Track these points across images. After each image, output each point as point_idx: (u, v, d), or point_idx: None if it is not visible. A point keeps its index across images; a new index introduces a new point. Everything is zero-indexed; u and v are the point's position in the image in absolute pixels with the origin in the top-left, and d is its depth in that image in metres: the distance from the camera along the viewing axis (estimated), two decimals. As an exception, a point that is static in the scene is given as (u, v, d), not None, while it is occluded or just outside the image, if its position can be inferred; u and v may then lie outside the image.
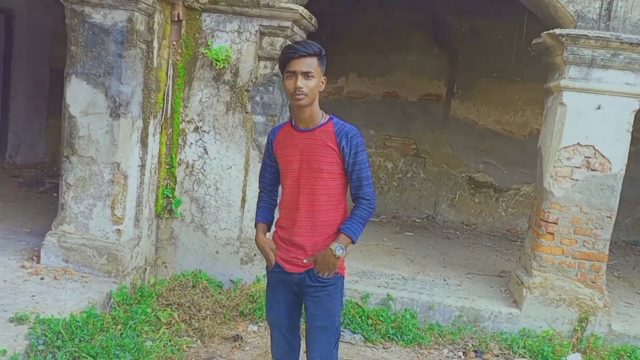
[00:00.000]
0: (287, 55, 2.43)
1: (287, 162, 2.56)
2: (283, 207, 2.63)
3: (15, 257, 4.26)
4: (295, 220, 2.55)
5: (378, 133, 7.60)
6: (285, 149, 2.56)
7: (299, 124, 2.54)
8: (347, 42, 7.34)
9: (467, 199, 7.53)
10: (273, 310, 2.69)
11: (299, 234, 2.55)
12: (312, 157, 2.49)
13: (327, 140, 2.48)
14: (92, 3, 3.95)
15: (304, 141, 2.51)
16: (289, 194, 2.58)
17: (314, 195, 2.51)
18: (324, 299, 2.56)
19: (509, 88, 7.11)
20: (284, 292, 2.65)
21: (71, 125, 4.10)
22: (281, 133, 2.61)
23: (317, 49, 2.44)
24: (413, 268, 5.20)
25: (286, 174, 2.58)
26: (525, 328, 4.35)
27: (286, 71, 2.43)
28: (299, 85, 2.39)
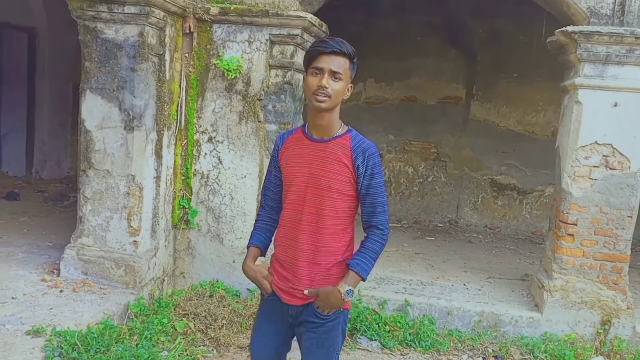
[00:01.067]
0: (318, 49, 2.13)
1: (292, 173, 2.26)
2: (283, 224, 2.32)
3: (36, 271, 4.35)
4: (297, 241, 2.24)
5: (397, 138, 7.55)
6: (292, 158, 2.27)
7: (313, 132, 2.24)
8: (364, 48, 7.28)
9: (490, 202, 7.40)
10: (261, 343, 2.38)
11: (299, 257, 2.25)
12: (322, 172, 2.19)
13: (341, 155, 2.19)
14: (104, 19, 4.03)
15: (315, 152, 2.22)
16: (291, 210, 2.27)
17: (319, 215, 2.21)
18: (322, 336, 2.27)
19: (529, 88, 6.98)
20: (278, 323, 2.35)
21: (87, 140, 4.18)
22: (290, 139, 2.31)
23: (351, 50, 2.16)
24: (432, 273, 5.13)
25: (289, 187, 2.28)
26: (547, 332, 4.25)
27: (312, 67, 2.13)
28: (323, 84, 2.09)
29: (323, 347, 2.27)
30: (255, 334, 2.42)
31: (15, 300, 3.80)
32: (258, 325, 2.42)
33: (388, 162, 7.62)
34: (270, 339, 2.38)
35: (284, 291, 2.30)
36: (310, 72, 2.16)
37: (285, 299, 2.29)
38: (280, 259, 2.33)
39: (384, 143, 7.56)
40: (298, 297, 2.27)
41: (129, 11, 3.96)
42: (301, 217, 2.23)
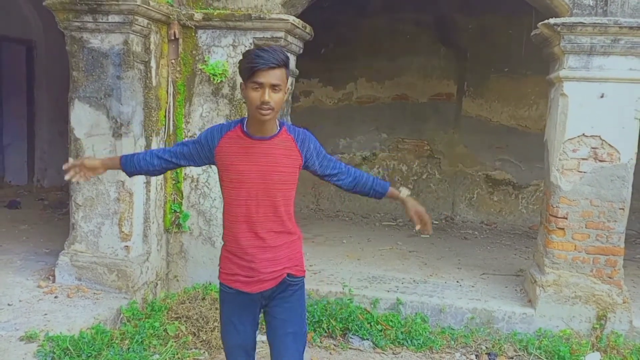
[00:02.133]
0: (255, 65, 2.18)
1: (241, 172, 2.32)
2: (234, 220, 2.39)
3: (32, 278, 4.42)
4: (256, 233, 2.36)
5: (390, 136, 7.58)
6: (236, 156, 2.33)
7: (255, 132, 2.32)
8: (354, 48, 7.38)
9: (486, 198, 7.40)
10: (238, 332, 2.47)
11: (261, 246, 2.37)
12: (273, 168, 2.33)
13: (287, 150, 2.36)
14: (90, 29, 4.09)
15: (262, 150, 2.32)
16: (244, 206, 2.35)
17: (274, 206, 2.36)
18: (294, 303, 2.47)
19: (521, 82, 6.98)
20: (250, 310, 2.46)
21: (77, 147, 4.24)
22: (228, 138, 2.35)
23: (285, 58, 2.24)
24: (426, 271, 5.14)
25: (240, 185, 2.33)
26: (541, 328, 4.22)
27: (252, 81, 2.20)
28: (266, 99, 2.19)
29: (296, 313, 2.47)
30: (230, 326, 2.49)
31: (11, 306, 3.86)
32: (227, 319, 2.49)
33: (382, 160, 7.64)
34: (240, 330, 2.47)
35: (250, 283, 2.39)
36: (250, 86, 2.22)
37: (254, 289, 2.40)
38: (238, 252, 2.41)
39: (377, 142, 7.60)
40: (267, 281, 2.40)
41: (113, 20, 4.02)
42: (257, 210, 2.35)
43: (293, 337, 2.45)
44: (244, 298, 2.43)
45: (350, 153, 7.72)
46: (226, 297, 2.49)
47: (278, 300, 2.45)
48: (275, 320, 2.47)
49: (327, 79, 7.58)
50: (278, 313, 2.46)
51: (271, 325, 2.49)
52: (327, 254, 5.53)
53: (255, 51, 2.23)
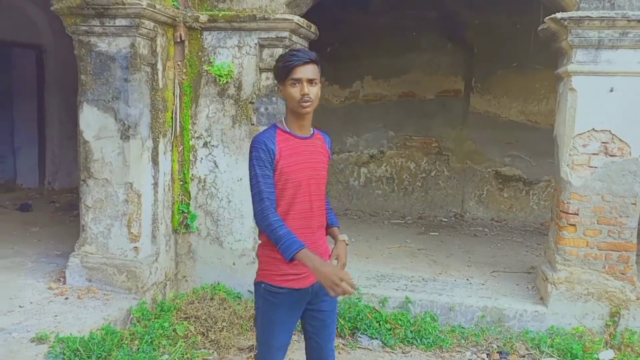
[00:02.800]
0: (291, 63, 2.36)
1: (296, 171, 2.43)
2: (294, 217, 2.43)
3: (43, 279, 4.46)
4: (311, 228, 2.49)
5: (398, 134, 7.56)
6: (291, 157, 2.42)
7: (297, 131, 2.46)
8: (360, 46, 7.36)
9: (496, 195, 7.35)
10: (286, 332, 2.54)
11: (315, 240, 2.50)
12: (317, 165, 2.52)
13: (322, 149, 2.57)
14: (97, 33, 4.12)
15: (307, 148, 2.49)
16: (301, 202, 2.45)
17: (321, 200, 2.55)
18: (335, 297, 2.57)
19: (530, 77, 6.92)
20: (299, 309, 2.55)
21: (86, 150, 4.27)
22: (281, 141, 2.43)
23: (316, 55, 2.43)
24: (435, 269, 5.12)
25: (298, 186, 2.43)
26: (554, 326, 4.18)
27: (290, 79, 2.37)
28: (306, 92, 2.35)
29: (335, 303, 2.67)
30: (282, 326, 2.51)
31: (23, 308, 3.90)
32: (278, 319, 2.49)
33: (389, 158, 7.62)
34: (290, 328, 2.57)
35: (302, 278, 2.45)
36: (290, 84, 2.38)
37: (307, 283, 2.47)
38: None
39: (384, 139, 7.58)
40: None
41: (120, 24, 4.04)
42: (311, 206, 2.48)
43: (334, 325, 2.69)
44: (296, 296, 2.48)
45: (358, 151, 7.71)
46: (276, 299, 2.47)
47: (323, 295, 2.53)
48: (323, 313, 2.59)
49: (333, 77, 7.57)
50: (325, 306, 2.58)
51: (317, 317, 2.59)
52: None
53: (289, 51, 2.44)
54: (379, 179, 7.69)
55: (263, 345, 2.57)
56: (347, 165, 7.78)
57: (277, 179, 2.42)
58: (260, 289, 2.53)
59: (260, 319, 2.55)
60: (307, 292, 2.50)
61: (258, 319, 2.57)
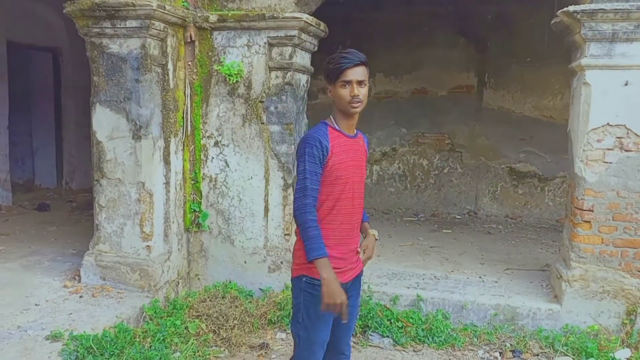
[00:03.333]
0: (342, 65, 2.43)
1: (346, 168, 2.51)
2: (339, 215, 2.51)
3: (59, 278, 4.53)
4: (353, 224, 2.59)
5: (410, 131, 7.53)
6: (342, 155, 2.50)
7: (346, 130, 2.54)
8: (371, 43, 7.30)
9: (510, 191, 7.27)
10: (328, 327, 2.58)
11: (354, 236, 2.61)
12: (361, 164, 2.62)
13: (363, 147, 2.68)
14: (109, 34, 4.16)
15: (354, 147, 2.58)
16: (346, 200, 2.52)
17: (361, 199, 2.64)
18: (360, 289, 2.77)
19: (544, 72, 6.82)
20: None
21: (99, 150, 4.33)
22: (334, 138, 2.49)
23: (365, 58, 2.49)
24: (447, 267, 5.09)
25: (345, 182, 2.51)
26: (568, 324, 4.12)
27: (341, 80, 2.43)
28: (356, 93, 2.43)
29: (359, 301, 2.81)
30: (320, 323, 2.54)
31: (38, 306, 3.96)
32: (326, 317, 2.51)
33: (402, 155, 7.59)
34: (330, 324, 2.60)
35: (343, 272, 2.53)
36: (340, 85, 2.45)
37: (346, 277, 2.55)
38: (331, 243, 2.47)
39: (397, 137, 7.54)
40: (354, 269, 2.63)
41: (131, 25, 4.08)
42: (353, 203, 2.57)
43: (354, 320, 2.79)
44: None
45: (370, 149, 7.64)
46: (319, 291, 2.42)
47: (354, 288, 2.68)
48: (349, 308, 2.54)
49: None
50: (351, 301, 2.59)
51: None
52: None
53: (339, 54, 2.48)
54: (392, 177, 7.66)
55: (304, 341, 2.58)
56: (360, 163, 7.75)
57: (328, 174, 2.49)
58: (301, 283, 2.54)
59: (302, 314, 2.55)
60: (345, 286, 2.50)
61: (300, 315, 2.56)
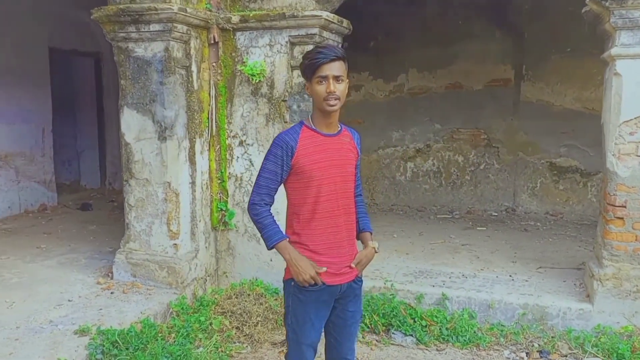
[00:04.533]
0: (317, 60, 2.34)
1: (320, 169, 2.43)
2: (319, 216, 2.46)
3: (93, 275, 4.72)
4: (337, 226, 2.49)
5: (444, 126, 7.38)
6: (315, 155, 2.43)
7: (323, 129, 2.46)
8: (404, 38, 7.25)
9: (550, 187, 7.01)
10: (316, 330, 2.56)
11: (342, 239, 2.51)
12: (344, 162, 2.51)
13: (349, 144, 2.56)
14: (134, 38, 4.29)
15: (334, 146, 2.48)
16: (327, 201, 2.45)
17: (348, 197, 2.55)
18: (360, 295, 2.65)
19: (585, 62, 6.51)
20: (327, 307, 2.55)
21: (127, 152, 4.47)
22: (304, 138, 2.44)
23: (343, 53, 2.40)
24: (477, 265, 4.97)
25: (321, 182, 2.43)
26: (600, 324, 3.97)
27: (317, 76, 2.35)
28: (332, 90, 2.34)
29: (361, 303, 2.69)
30: (309, 325, 2.53)
31: (71, 302, 4.14)
32: (308, 316, 2.52)
33: (436, 152, 7.45)
34: (320, 326, 2.58)
35: (334, 275, 2.49)
36: (316, 81, 2.37)
37: (336, 281, 2.49)
38: (319, 249, 2.47)
39: (431, 133, 7.41)
40: (347, 274, 2.53)
41: (154, 29, 4.18)
42: (337, 204, 2.48)
43: (357, 325, 2.70)
44: (325, 293, 2.49)
45: (404, 146, 7.59)
46: (306, 296, 2.48)
47: (350, 296, 2.58)
48: (346, 312, 2.59)
49: (377, 71, 7.49)
50: (350, 306, 2.59)
51: (339, 316, 2.60)
52: None
53: (315, 48, 2.43)
54: (426, 173, 7.54)
55: (293, 343, 2.60)
56: (393, 160, 7.68)
57: (299, 175, 2.44)
58: (289, 287, 2.55)
59: (290, 316, 2.57)
60: (336, 290, 2.51)
61: (288, 317, 2.59)
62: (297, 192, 2.49)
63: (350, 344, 2.67)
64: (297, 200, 2.50)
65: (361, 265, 2.57)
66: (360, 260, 2.56)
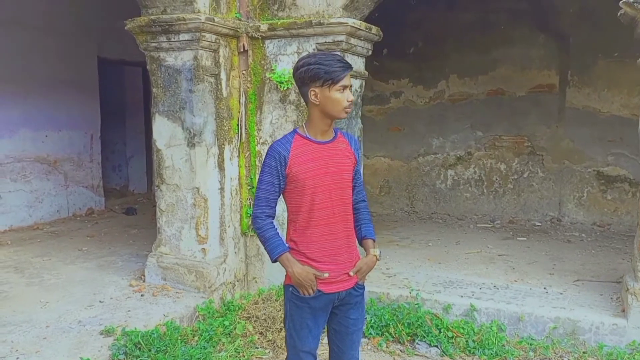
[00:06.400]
0: (340, 70, 2.35)
1: (314, 177, 2.42)
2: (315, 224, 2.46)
3: (127, 277, 4.88)
4: (335, 235, 2.48)
5: (486, 134, 7.17)
6: (308, 164, 2.42)
7: (317, 136, 2.45)
8: (444, 44, 7.12)
9: (598, 197, 6.68)
10: (313, 336, 2.55)
11: (339, 247, 2.50)
12: (340, 169, 2.48)
13: (346, 150, 2.53)
14: (165, 48, 4.43)
15: (329, 153, 2.46)
16: (321, 209, 2.44)
17: (345, 205, 2.52)
18: (361, 302, 2.62)
19: (634, 67, 6.12)
20: (325, 314, 2.56)
21: (159, 158, 4.62)
22: (297, 147, 2.43)
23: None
24: (511, 276, 4.79)
25: (315, 190, 2.43)
26: (635, 341, 3.77)
27: (340, 85, 2.36)
28: (352, 99, 2.40)
29: (363, 311, 2.66)
30: (307, 332, 2.54)
31: (102, 303, 4.30)
32: (305, 322, 2.53)
33: (478, 159, 7.25)
34: (317, 333, 2.58)
35: (332, 282, 2.48)
36: (337, 90, 2.37)
37: (333, 289, 2.49)
38: (316, 256, 2.47)
39: (472, 140, 7.22)
40: (345, 282, 2.52)
41: (184, 38, 4.31)
42: (333, 212, 2.47)
43: (359, 333, 2.67)
44: (322, 300, 2.50)
45: (444, 153, 7.44)
46: (303, 302, 2.50)
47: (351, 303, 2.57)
48: (348, 320, 2.59)
49: (417, 78, 7.39)
50: (352, 313, 2.59)
51: (341, 324, 2.59)
52: (408, 257, 5.39)
53: (327, 57, 2.39)
54: (467, 182, 7.35)
55: (292, 349, 2.61)
56: (433, 168, 7.54)
57: (294, 186, 2.44)
58: (287, 293, 2.56)
59: (288, 322, 2.58)
60: (333, 297, 2.51)
61: (286, 323, 2.60)
62: (293, 201, 2.49)
63: (353, 352, 2.65)
64: (294, 209, 2.50)
65: (361, 273, 2.55)
66: (360, 268, 2.54)
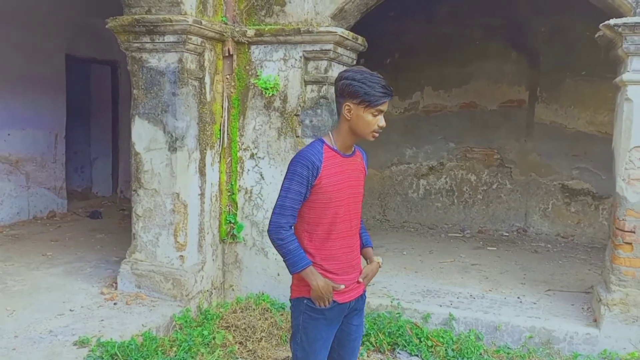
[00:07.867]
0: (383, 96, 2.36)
1: (339, 190, 2.43)
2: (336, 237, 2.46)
3: (98, 284, 4.68)
4: (352, 247, 2.55)
5: (458, 145, 7.36)
6: (335, 176, 2.42)
7: (342, 149, 2.46)
8: (420, 56, 7.26)
9: (562, 209, 6.95)
10: (325, 348, 2.55)
11: (354, 258, 2.58)
12: (357, 183, 2.54)
13: (361, 166, 2.60)
14: (148, 49, 4.33)
15: (350, 167, 2.50)
16: (342, 222, 2.46)
17: (358, 218, 2.58)
18: (363, 308, 2.68)
19: (600, 86, 6.49)
20: (338, 324, 2.57)
21: (137, 161, 4.49)
22: (328, 158, 2.42)
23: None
24: (485, 285, 4.91)
25: (339, 205, 2.44)
26: (607, 350, 3.92)
27: (376, 109, 2.35)
28: (384, 125, 2.40)
29: (363, 320, 2.72)
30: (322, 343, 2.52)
31: (72, 312, 4.09)
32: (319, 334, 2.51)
33: (449, 170, 7.42)
34: (329, 344, 2.58)
35: (343, 293, 2.50)
36: (372, 112, 2.36)
37: (346, 298, 2.52)
38: (333, 269, 2.48)
39: (444, 151, 7.38)
40: (355, 290, 2.57)
41: (169, 40, 4.22)
42: (350, 225, 2.52)
43: (359, 340, 2.70)
44: (337, 311, 2.50)
45: (417, 163, 7.57)
46: (318, 314, 2.48)
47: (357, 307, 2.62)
48: (350, 326, 2.62)
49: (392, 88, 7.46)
50: (354, 320, 2.62)
51: (344, 330, 2.61)
52: (384, 266, 5.30)
53: (373, 78, 2.37)
54: (439, 191, 7.50)
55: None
56: (406, 177, 7.66)
57: (319, 197, 2.41)
58: (301, 305, 2.51)
59: (300, 335, 2.52)
60: (346, 307, 2.54)
61: (298, 336, 2.54)
62: (314, 212, 2.44)
63: (353, 356, 2.69)
64: (313, 219, 2.45)
65: (367, 280, 2.62)
66: (367, 275, 2.61)
